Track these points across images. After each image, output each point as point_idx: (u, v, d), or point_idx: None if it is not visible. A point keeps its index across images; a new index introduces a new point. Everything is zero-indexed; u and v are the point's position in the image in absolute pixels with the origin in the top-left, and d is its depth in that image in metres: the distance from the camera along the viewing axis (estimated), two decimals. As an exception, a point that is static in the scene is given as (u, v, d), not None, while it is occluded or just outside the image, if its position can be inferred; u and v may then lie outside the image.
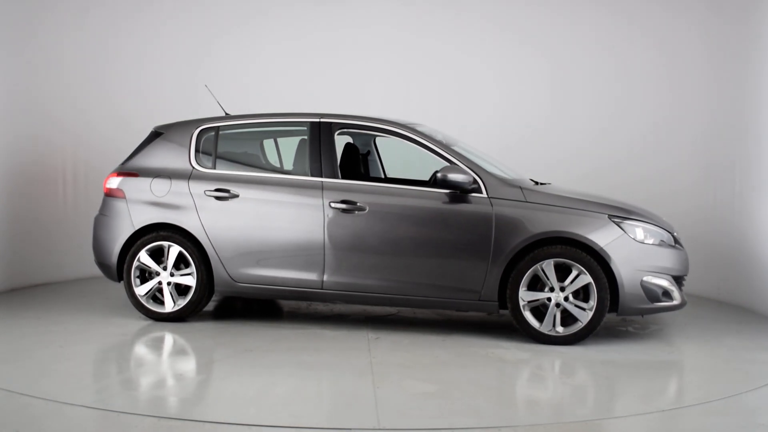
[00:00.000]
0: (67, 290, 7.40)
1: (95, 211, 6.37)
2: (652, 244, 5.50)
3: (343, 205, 5.65)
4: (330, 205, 5.67)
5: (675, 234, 5.76)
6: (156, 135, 6.27)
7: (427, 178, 5.93)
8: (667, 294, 5.51)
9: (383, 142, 6.85)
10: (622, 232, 5.42)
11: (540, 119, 8.54)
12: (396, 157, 7.15)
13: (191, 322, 6.01)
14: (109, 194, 6.15)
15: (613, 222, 5.45)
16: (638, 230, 5.48)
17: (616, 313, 5.43)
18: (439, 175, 5.53)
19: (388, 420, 3.86)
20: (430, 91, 8.78)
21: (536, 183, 6.15)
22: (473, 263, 5.50)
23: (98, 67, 8.22)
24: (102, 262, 6.16)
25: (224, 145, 6.16)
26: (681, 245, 5.74)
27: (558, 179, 6.89)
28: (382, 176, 6.86)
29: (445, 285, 5.56)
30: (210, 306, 6.63)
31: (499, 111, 8.61)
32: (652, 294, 5.44)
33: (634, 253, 5.40)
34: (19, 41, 7.44)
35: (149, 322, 5.97)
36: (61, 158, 7.99)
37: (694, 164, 7.76)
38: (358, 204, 5.65)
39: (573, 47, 8.47)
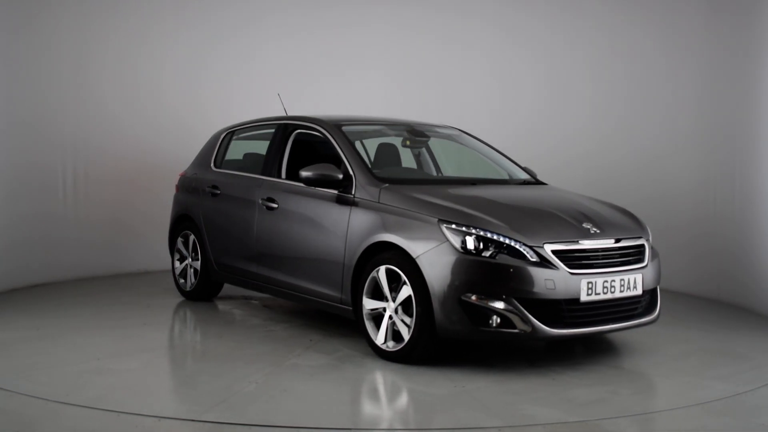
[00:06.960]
0: (64, 291, 7.41)
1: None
2: (487, 258, 4.53)
3: (268, 203, 5.96)
4: (260, 202, 6.03)
5: (543, 248, 4.56)
6: (211, 138, 7.33)
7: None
8: (504, 319, 4.49)
9: (436, 142, 6.71)
10: (446, 240, 4.61)
11: (540, 120, 8.49)
12: (450, 157, 6.93)
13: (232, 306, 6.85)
14: (176, 189, 7.43)
15: (442, 228, 4.66)
16: (470, 239, 4.58)
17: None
18: (301, 173, 5.43)
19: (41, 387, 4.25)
20: (433, 90, 8.99)
21: (537, 182, 6.03)
22: (334, 266, 5.30)
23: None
24: None
25: (235, 146, 6.94)
26: (553, 264, 4.53)
27: (558, 180, 6.73)
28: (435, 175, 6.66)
29: (318, 286, 5.47)
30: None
31: (500, 113, 8.69)
32: (477, 316, 4.51)
33: (454, 265, 4.55)
34: (26, 44, 7.51)
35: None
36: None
37: (695, 164, 7.57)
38: (276, 201, 5.89)
39: (574, 50, 8.42)
